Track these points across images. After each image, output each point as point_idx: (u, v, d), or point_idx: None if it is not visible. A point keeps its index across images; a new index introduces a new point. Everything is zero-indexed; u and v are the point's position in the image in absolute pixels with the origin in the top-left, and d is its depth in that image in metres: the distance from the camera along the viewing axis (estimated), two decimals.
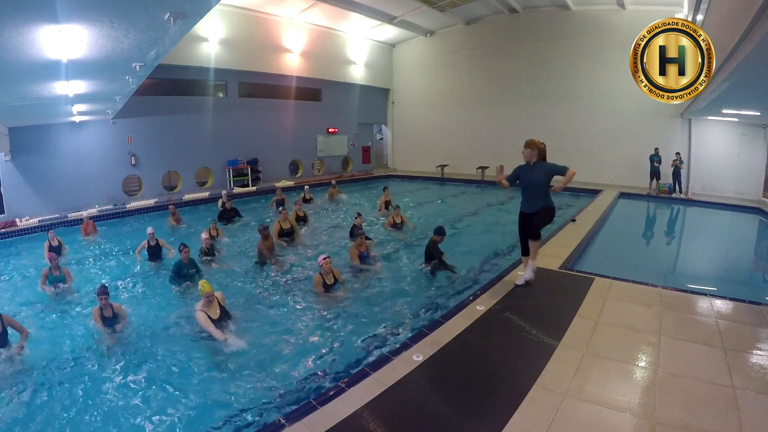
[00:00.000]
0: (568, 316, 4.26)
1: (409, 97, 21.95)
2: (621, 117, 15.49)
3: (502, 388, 3.11)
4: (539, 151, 4.79)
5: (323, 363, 4.06)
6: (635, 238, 9.71)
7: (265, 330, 4.78)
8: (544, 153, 4.83)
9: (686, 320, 4.19)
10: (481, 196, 14.77)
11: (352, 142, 21.00)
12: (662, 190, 13.97)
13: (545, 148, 4.85)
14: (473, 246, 8.01)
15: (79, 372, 4.05)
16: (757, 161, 12.86)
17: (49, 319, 5.30)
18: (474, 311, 4.42)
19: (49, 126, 11.54)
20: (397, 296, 5.60)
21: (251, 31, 15.66)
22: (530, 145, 4.80)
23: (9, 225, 10.20)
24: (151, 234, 7.37)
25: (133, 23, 4.20)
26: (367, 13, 16.85)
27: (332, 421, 2.74)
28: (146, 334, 4.79)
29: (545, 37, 16.86)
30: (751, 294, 5.08)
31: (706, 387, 3.07)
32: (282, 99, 17.77)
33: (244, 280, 6.50)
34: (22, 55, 4.45)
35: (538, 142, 4.83)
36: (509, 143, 17.72)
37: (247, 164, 16.11)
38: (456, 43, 19.62)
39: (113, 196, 12.97)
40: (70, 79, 6.16)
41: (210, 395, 3.60)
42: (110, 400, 3.60)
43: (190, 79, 14.83)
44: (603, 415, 2.80)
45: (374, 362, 3.52)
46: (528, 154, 4.80)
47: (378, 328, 4.73)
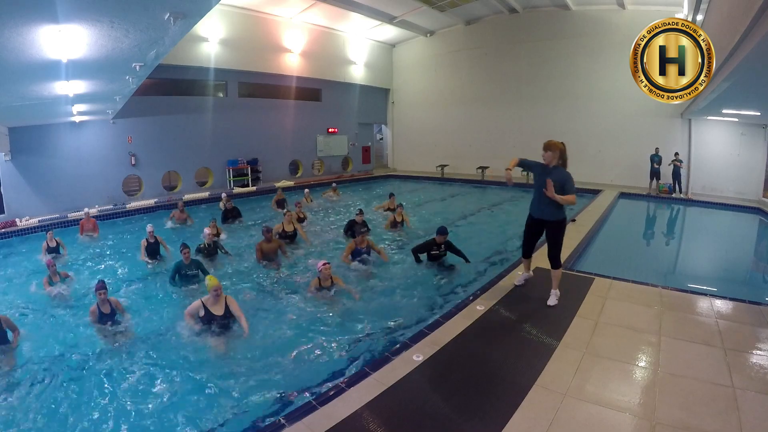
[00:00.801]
0: (568, 316, 4.26)
1: (409, 97, 21.95)
2: (621, 117, 15.50)
3: (502, 388, 3.11)
4: (560, 153, 4.40)
5: (323, 363, 4.06)
6: (635, 238, 9.72)
7: (265, 330, 4.78)
8: (565, 156, 4.44)
9: (686, 320, 4.19)
10: (481, 196, 14.78)
11: (352, 142, 21.00)
12: (662, 190, 13.97)
13: (565, 149, 4.45)
14: (473, 246, 7.98)
15: (79, 372, 4.04)
16: (757, 161, 12.87)
17: (48, 320, 5.29)
18: (474, 311, 4.42)
19: (49, 126, 11.54)
20: (397, 296, 5.60)
21: (251, 31, 15.66)
22: (551, 147, 4.40)
23: (9, 225, 10.20)
24: (150, 232, 7.37)
25: (133, 23, 4.20)
26: (367, 13, 16.85)
27: (332, 421, 2.74)
28: (145, 333, 4.79)
29: (545, 37, 16.87)
30: (751, 294, 5.09)
31: (706, 387, 3.07)
32: (282, 99, 17.78)
33: (244, 280, 6.50)
34: (22, 55, 4.45)
35: (559, 143, 4.42)
36: (509, 143, 17.78)
37: (247, 164, 16.10)
38: (456, 43, 19.62)
39: (113, 196, 12.97)
40: (70, 79, 6.16)
41: (210, 395, 3.60)
42: (108, 399, 3.59)
43: (190, 79, 14.83)
44: (603, 415, 2.80)
45: (374, 362, 3.52)
46: (549, 156, 4.41)
47: (378, 328, 4.73)
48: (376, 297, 5.62)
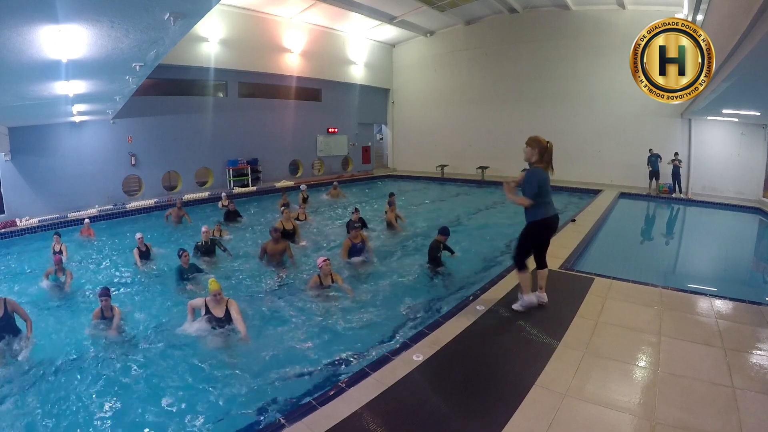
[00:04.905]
0: (568, 316, 4.25)
1: (409, 97, 21.95)
2: (621, 117, 15.50)
3: (502, 388, 3.11)
4: (540, 150, 4.09)
5: (323, 363, 4.05)
6: (635, 238, 9.72)
7: (264, 330, 4.78)
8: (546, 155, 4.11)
9: (686, 320, 4.19)
10: (481, 196, 14.77)
11: (352, 142, 21.00)
12: (662, 190, 13.97)
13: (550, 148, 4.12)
14: (473, 246, 8.00)
15: (78, 371, 4.04)
16: (757, 161, 12.86)
17: (47, 319, 5.29)
18: (474, 311, 4.42)
19: (49, 126, 11.53)
20: (397, 296, 5.60)
21: (251, 31, 15.65)
22: (529, 142, 4.16)
23: (9, 225, 10.20)
24: (140, 239, 7.28)
25: (133, 23, 4.20)
26: (367, 13, 16.85)
27: (332, 421, 2.74)
28: (145, 335, 4.79)
29: (545, 37, 16.87)
30: (751, 294, 5.09)
31: (706, 387, 3.07)
32: (282, 99, 17.77)
33: (244, 280, 6.50)
34: (22, 55, 4.45)
35: (543, 140, 4.13)
36: (509, 143, 17.73)
37: (247, 164, 16.10)
38: (456, 43, 19.62)
39: (113, 196, 12.96)
40: (70, 79, 6.15)
41: (209, 395, 3.60)
42: (108, 399, 3.59)
43: (190, 79, 14.83)
44: (603, 415, 2.80)
45: (374, 362, 3.52)
46: (527, 153, 4.16)
47: (378, 328, 4.73)
48: (376, 297, 5.61)
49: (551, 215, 4.22)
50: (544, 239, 4.39)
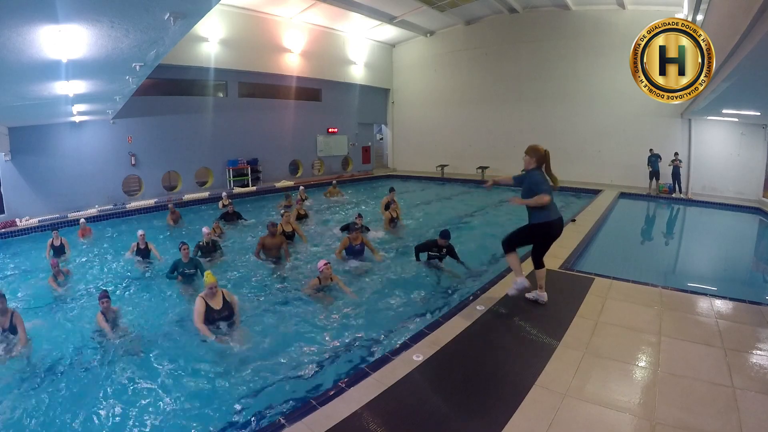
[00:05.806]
0: (568, 316, 4.25)
1: (409, 97, 21.95)
2: (621, 117, 15.50)
3: (502, 388, 3.11)
4: (538, 158, 4.24)
5: (323, 363, 4.06)
6: (635, 238, 9.71)
7: (264, 330, 4.78)
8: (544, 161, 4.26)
9: (686, 320, 4.19)
10: (481, 196, 14.76)
11: (352, 142, 21.00)
12: (662, 190, 13.97)
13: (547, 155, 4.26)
14: (473, 246, 8.00)
15: (77, 371, 4.05)
16: (757, 161, 12.86)
17: (47, 319, 5.29)
18: (474, 311, 4.42)
19: (49, 126, 11.54)
20: (397, 296, 5.60)
21: (251, 31, 15.65)
22: (527, 151, 4.31)
23: (9, 225, 10.20)
24: (141, 235, 7.32)
25: (133, 23, 4.21)
26: (367, 13, 16.85)
27: (332, 421, 2.74)
28: (144, 335, 4.78)
29: (545, 37, 16.87)
30: (751, 294, 5.09)
31: (706, 387, 3.07)
32: (282, 99, 17.77)
33: (244, 279, 6.49)
34: (22, 55, 4.45)
35: (540, 148, 4.28)
36: (510, 143, 17.75)
37: (247, 164, 16.10)
38: (456, 43, 19.62)
39: (113, 196, 12.96)
40: (70, 79, 6.16)
41: (209, 395, 3.60)
42: (108, 399, 3.59)
43: (190, 79, 14.83)
44: (603, 415, 2.80)
45: (374, 362, 3.52)
46: (525, 161, 4.30)
47: (378, 328, 4.73)
48: (377, 297, 5.61)
49: (555, 218, 4.24)
50: (545, 243, 4.43)
